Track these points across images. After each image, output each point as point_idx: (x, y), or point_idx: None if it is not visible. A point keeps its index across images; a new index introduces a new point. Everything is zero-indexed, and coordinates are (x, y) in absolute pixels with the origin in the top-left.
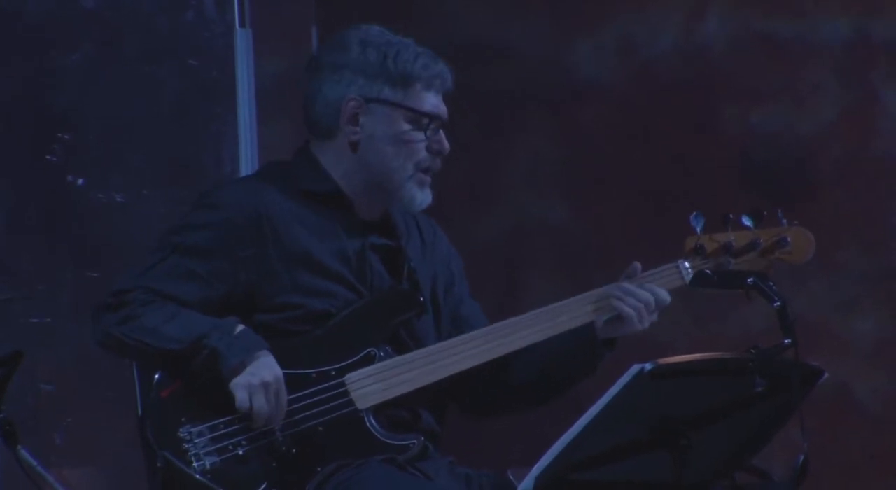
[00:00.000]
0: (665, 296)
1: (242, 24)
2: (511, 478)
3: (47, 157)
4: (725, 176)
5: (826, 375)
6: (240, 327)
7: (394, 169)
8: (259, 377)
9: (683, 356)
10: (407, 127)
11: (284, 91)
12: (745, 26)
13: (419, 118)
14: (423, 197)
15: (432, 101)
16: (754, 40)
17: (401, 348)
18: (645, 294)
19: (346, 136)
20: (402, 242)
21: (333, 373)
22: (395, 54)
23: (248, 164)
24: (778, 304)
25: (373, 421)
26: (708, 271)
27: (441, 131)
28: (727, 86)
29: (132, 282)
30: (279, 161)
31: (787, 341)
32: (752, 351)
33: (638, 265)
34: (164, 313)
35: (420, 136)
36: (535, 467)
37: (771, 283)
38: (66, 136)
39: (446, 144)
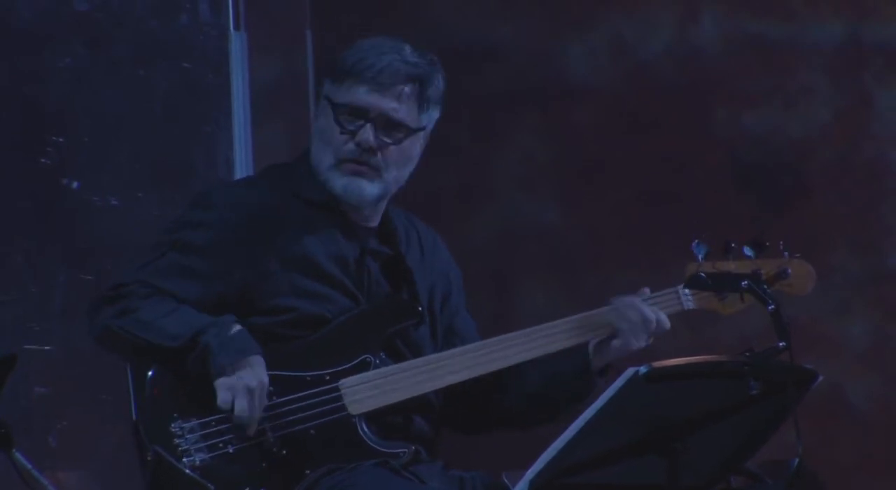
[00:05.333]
0: (665, 322)
1: (237, 28)
2: (506, 481)
3: (42, 160)
4: (717, 178)
5: (821, 378)
6: (236, 327)
7: (316, 160)
8: (243, 381)
9: (678, 359)
10: (327, 120)
11: (279, 94)
12: (738, 28)
13: (335, 109)
14: (351, 185)
15: (353, 94)
16: (746, 43)
17: (397, 357)
18: (648, 311)
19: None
20: (402, 249)
21: (328, 377)
22: (348, 52)
23: (242, 167)
24: (772, 306)
25: (365, 427)
26: (703, 274)
27: (366, 125)
28: (719, 88)
29: (130, 276)
30: (279, 164)
31: (781, 344)
32: (747, 354)
33: (646, 290)
34: (161, 308)
35: (336, 128)
36: (529, 470)
37: (765, 286)
38: (60, 139)
39: (363, 138)
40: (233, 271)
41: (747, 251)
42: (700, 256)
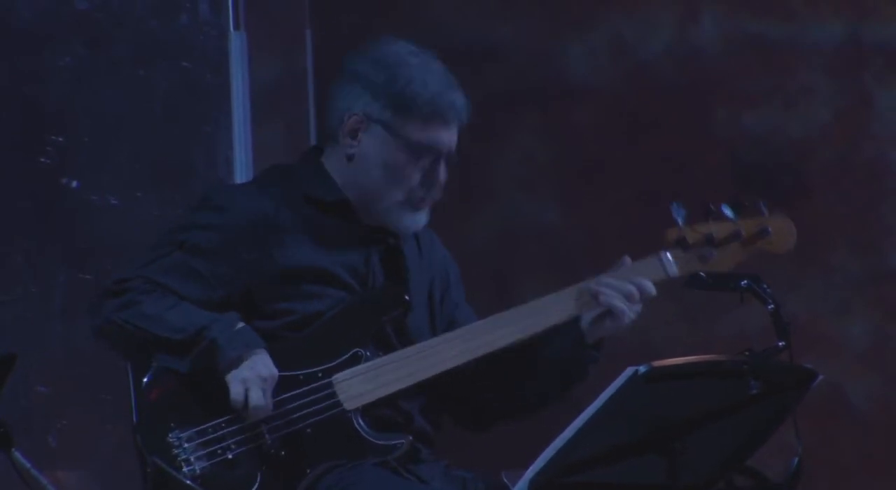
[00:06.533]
0: (650, 287)
1: (237, 28)
2: (505, 480)
3: (42, 159)
4: (717, 178)
5: (820, 378)
6: (240, 323)
7: (381, 194)
8: (255, 371)
9: (677, 359)
10: (400, 156)
11: (279, 94)
12: (738, 28)
13: (415, 149)
14: (413, 220)
15: (433, 134)
16: (746, 42)
17: (388, 348)
18: (628, 286)
19: (343, 147)
20: (401, 244)
21: (321, 374)
22: (406, 80)
23: (242, 166)
24: (772, 306)
25: (361, 421)
26: (702, 274)
27: (441, 162)
28: (719, 87)
29: (134, 272)
30: (283, 165)
31: (780, 343)
32: (747, 353)
33: (627, 259)
34: (164, 302)
35: (412, 166)
36: (529, 470)
37: (765, 286)
38: (59, 139)
39: (441, 177)
40: (238, 275)
41: (727, 211)
42: (679, 220)
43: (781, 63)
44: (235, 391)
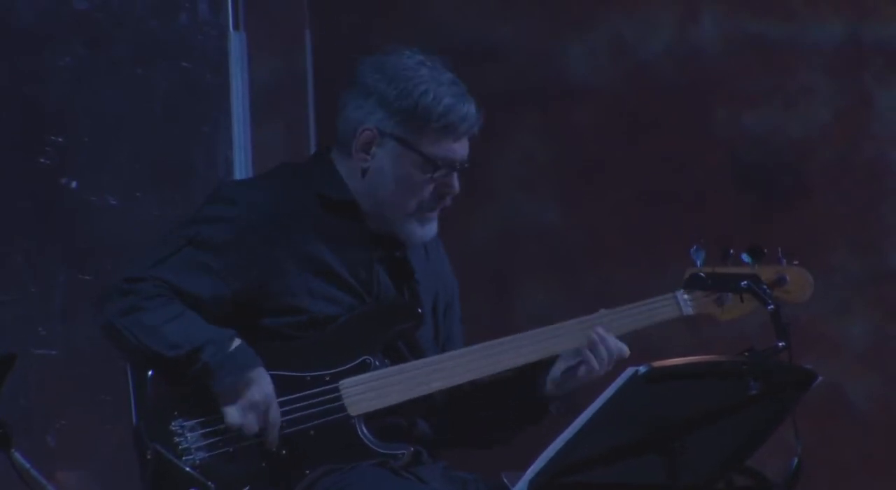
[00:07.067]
0: (625, 351)
1: (236, 28)
2: (505, 481)
3: (41, 159)
4: (717, 178)
5: (820, 379)
6: (236, 343)
7: (395, 205)
8: (248, 398)
9: (677, 359)
10: (414, 170)
11: (278, 94)
12: (738, 28)
13: (429, 162)
14: (423, 232)
15: (447, 146)
16: (746, 42)
17: (397, 359)
18: (611, 342)
19: (356, 161)
20: (408, 255)
21: (328, 378)
22: (418, 94)
23: (241, 166)
24: (771, 306)
25: (364, 428)
26: (702, 274)
27: (454, 173)
28: (719, 88)
29: (145, 271)
30: (294, 163)
31: (780, 344)
32: (746, 354)
33: (603, 310)
34: (166, 311)
35: (426, 178)
36: (528, 470)
37: (764, 286)
38: (59, 139)
39: (455, 187)
40: (249, 268)
41: (745, 258)
42: (698, 262)
43: (781, 63)
44: (230, 419)
